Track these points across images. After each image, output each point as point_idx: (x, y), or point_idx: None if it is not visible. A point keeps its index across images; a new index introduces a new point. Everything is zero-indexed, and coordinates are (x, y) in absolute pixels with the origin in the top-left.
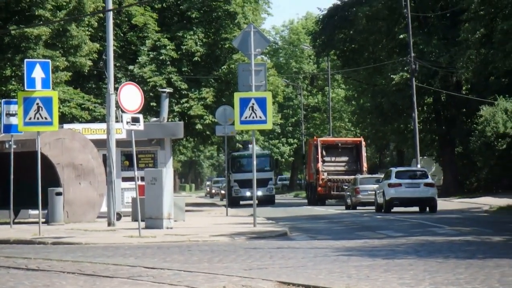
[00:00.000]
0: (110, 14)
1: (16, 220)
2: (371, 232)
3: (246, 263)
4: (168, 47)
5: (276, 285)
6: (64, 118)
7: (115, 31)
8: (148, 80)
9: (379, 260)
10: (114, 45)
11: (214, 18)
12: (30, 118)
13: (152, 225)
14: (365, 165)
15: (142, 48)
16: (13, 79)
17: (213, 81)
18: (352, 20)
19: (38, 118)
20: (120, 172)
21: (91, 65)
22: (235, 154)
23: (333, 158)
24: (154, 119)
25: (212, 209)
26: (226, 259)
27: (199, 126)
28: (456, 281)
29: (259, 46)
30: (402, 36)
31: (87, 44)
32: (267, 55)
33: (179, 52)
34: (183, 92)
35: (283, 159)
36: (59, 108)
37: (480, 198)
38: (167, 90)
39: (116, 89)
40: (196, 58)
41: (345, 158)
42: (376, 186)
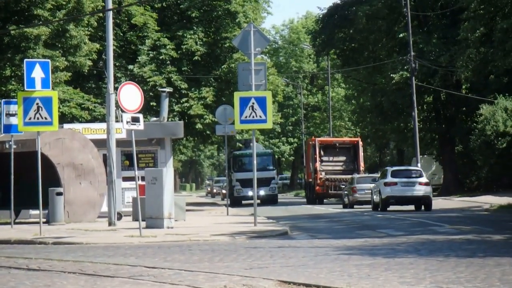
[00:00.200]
0: (110, 14)
1: (17, 220)
2: (372, 231)
3: (247, 262)
4: (168, 47)
5: (277, 284)
6: (64, 118)
7: (115, 31)
8: (148, 80)
9: (380, 259)
10: (114, 45)
11: (214, 17)
12: (30, 118)
13: (153, 225)
14: (363, 165)
15: (142, 48)
16: (13, 79)
17: (213, 81)
18: (352, 19)
19: (38, 118)
20: (121, 172)
21: (91, 65)
22: (237, 153)
23: (331, 158)
24: (154, 119)
25: (213, 209)
26: (227, 259)
27: (199, 126)
28: (457, 280)
29: (259, 45)
30: (402, 35)
31: (87, 44)
32: (267, 55)
33: (179, 52)
34: (183, 92)
35: (284, 159)
36: (59, 108)
37: (481, 197)
38: (167, 90)
39: (116, 89)
40: (196, 58)
41: (343, 158)
42: (373, 185)
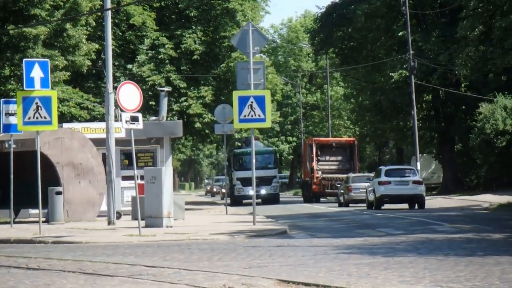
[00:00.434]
0: (109, 13)
1: (17, 220)
2: (371, 230)
3: (246, 262)
4: (167, 46)
5: (276, 283)
6: (63, 118)
7: (114, 30)
8: (147, 79)
9: (379, 258)
10: (113, 44)
11: (213, 17)
12: (30, 118)
13: (152, 224)
14: (358, 164)
15: (141, 47)
16: (12, 79)
17: (212, 80)
18: (351, 18)
19: (37, 118)
20: (120, 171)
21: (90, 65)
22: (237, 151)
23: (328, 158)
24: (153, 118)
25: (212, 208)
26: (226, 258)
27: (198, 125)
28: (456, 279)
29: (258, 45)
30: (401, 34)
31: (86, 44)
32: (266, 54)
33: (178, 51)
34: (182, 91)
35: (282, 157)
36: (58, 108)
37: (480, 196)
38: (166, 89)
39: (115, 88)
40: (195, 57)
41: (339, 158)
42: (367, 184)
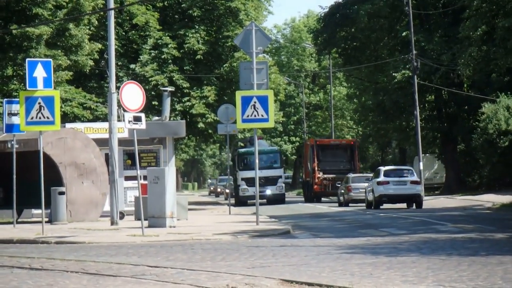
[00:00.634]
0: (112, 13)
1: (19, 220)
2: (374, 230)
3: (249, 262)
4: (170, 46)
5: (279, 283)
6: (66, 118)
7: (117, 30)
8: (150, 79)
9: (382, 258)
10: (116, 44)
11: (216, 16)
12: (32, 118)
13: (155, 224)
14: (359, 164)
15: (144, 47)
16: (15, 79)
17: (215, 80)
18: (354, 18)
19: (40, 118)
20: (123, 171)
21: (93, 65)
22: (242, 151)
23: (328, 158)
24: (156, 118)
25: (215, 208)
26: (229, 258)
27: (201, 125)
28: (459, 278)
29: (261, 44)
30: (404, 34)
31: (89, 44)
32: (269, 54)
33: (181, 51)
34: (185, 91)
35: (285, 157)
36: (61, 108)
37: (483, 196)
38: (169, 89)
39: (118, 88)
40: (198, 57)
41: (340, 158)
42: (367, 184)
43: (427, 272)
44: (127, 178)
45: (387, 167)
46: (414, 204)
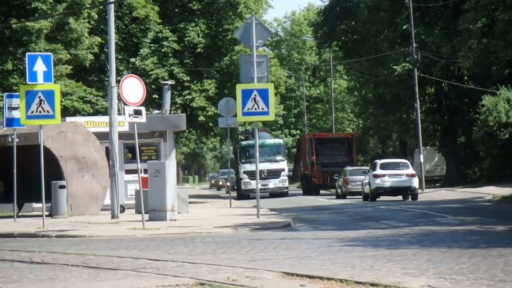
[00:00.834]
0: (112, 7)
1: (20, 214)
2: (375, 222)
3: (250, 254)
4: (170, 39)
5: (280, 276)
6: (66, 111)
7: (117, 24)
8: (150, 73)
9: (383, 250)
10: (116, 38)
11: (216, 10)
12: (32, 112)
13: (156, 217)
14: (356, 157)
15: (144, 41)
16: (15, 73)
17: (215, 73)
18: (354, 11)
19: (40, 112)
20: (123, 165)
21: (93, 58)
22: (244, 144)
23: (327, 152)
24: (157, 112)
25: (216, 201)
26: (230, 251)
27: (202, 118)
28: (460, 271)
29: (261, 38)
30: (404, 27)
31: (88, 38)
32: (269, 47)
33: (181, 44)
34: (185, 84)
35: (287, 150)
36: (61, 101)
37: (483, 188)
38: (169, 82)
39: (118, 82)
40: (199, 50)
41: (338, 151)
42: (363, 177)
43: (428, 265)
44: (128, 172)
45: (383, 160)
46: (410, 197)
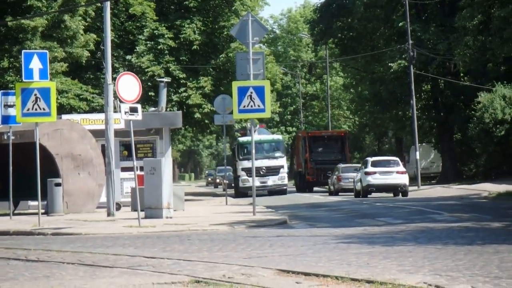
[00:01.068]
0: (108, 4)
1: (16, 211)
2: (371, 220)
3: (246, 252)
4: (166, 36)
5: (276, 273)
6: (62, 109)
7: (113, 21)
8: (146, 70)
9: (379, 247)
10: (112, 35)
11: (212, 7)
12: (28, 109)
13: (152, 215)
14: (349, 155)
15: (140, 38)
16: (11, 70)
17: (211, 70)
18: (350, 8)
19: (36, 109)
20: (119, 162)
21: (89, 56)
22: (243, 140)
23: (320, 149)
24: (153, 109)
25: (212, 199)
26: (226, 248)
27: (198, 115)
28: (456, 268)
29: (257, 35)
30: (400, 24)
31: (84, 35)
32: (265, 44)
33: (177, 41)
34: (181, 81)
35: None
36: (57, 99)
37: (479, 185)
38: (165, 80)
39: (114, 79)
40: (195, 47)
41: (331, 149)
42: (355, 174)
43: (424, 261)
44: (124, 169)
45: (375, 158)
46: (400, 193)
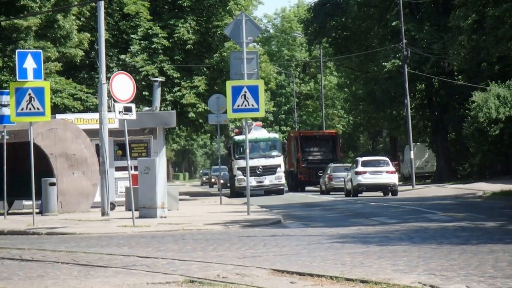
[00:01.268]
0: (102, 3)
1: (10, 211)
2: (365, 219)
3: (240, 251)
4: (160, 36)
5: (270, 273)
6: (57, 109)
7: (107, 20)
8: (140, 69)
9: (373, 247)
10: (106, 35)
11: (206, 6)
12: (23, 109)
13: (146, 215)
14: (341, 154)
15: (134, 37)
16: (5, 70)
17: (205, 70)
18: (344, 8)
19: (31, 109)
20: (113, 162)
21: (83, 55)
22: (238, 139)
23: (312, 149)
24: (147, 108)
25: (206, 198)
26: (220, 248)
27: (192, 115)
28: (450, 267)
29: (251, 34)
30: (394, 23)
31: (77, 35)
32: (259, 43)
33: (171, 41)
34: (175, 81)
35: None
36: (51, 99)
37: (474, 184)
38: (159, 79)
39: (108, 79)
40: (188, 46)
41: (323, 148)
42: (346, 174)
43: (418, 261)
44: (118, 169)
45: (364, 158)
46: (390, 193)
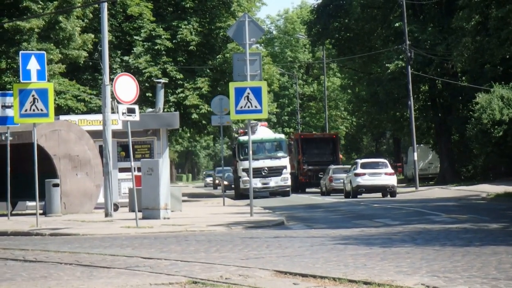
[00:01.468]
0: (105, 5)
1: (14, 212)
2: (368, 221)
3: (243, 253)
4: (163, 37)
5: (273, 274)
6: (60, 110)
7: (110, 22)
8: (144, 71)
9: (376, 249)
10: (109, 36)
11: (209, 8)
12: (26, 110)
13: (149, 216)
14: (341, 156)
15: (137, 39)
16: (9, 72)
17: (208, 71)
18: (347, 9)
19: (34, 110)
20: (117, 163)
21: (86, 57)
22: (243, 139)
23: (313, 151)
24: (150, 110)
25: (209, 200)
26: (223, 249)
27: (195, 116)
28: (453, 269)
29: (254, 36)
30: (398, 25)
31: (80, 36)
32: (262, 44)
33: (174, 42)
34: (179, 82)
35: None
36: (55, 100)
37: (477, 186)
38: (163, 81)
39: (112, 80)
40: (192, 48)
41: (323, 151)
42: (345, 175)
43: (421, 263)
44: (121, 170)
45: (364, 160)
46: (389, 194)
